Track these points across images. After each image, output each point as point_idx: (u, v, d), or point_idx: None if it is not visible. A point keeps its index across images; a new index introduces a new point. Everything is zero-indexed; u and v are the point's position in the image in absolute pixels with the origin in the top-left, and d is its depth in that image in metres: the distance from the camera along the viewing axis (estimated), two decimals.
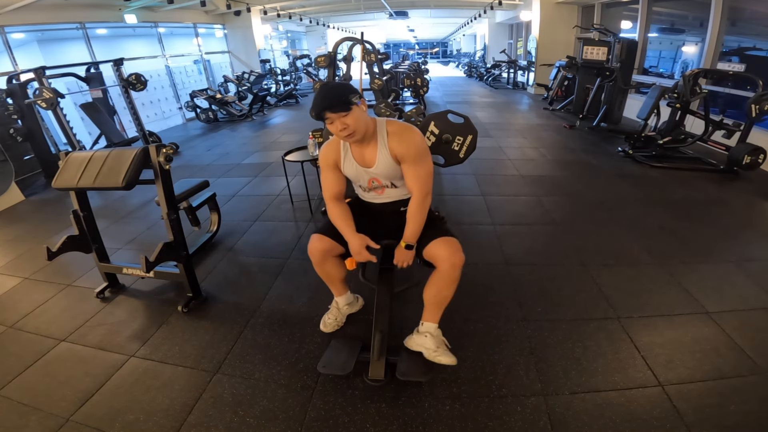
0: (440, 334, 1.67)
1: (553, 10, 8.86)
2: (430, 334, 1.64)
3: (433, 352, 1.60)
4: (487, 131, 5.97)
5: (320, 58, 4.64)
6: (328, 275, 1.81)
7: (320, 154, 1.70)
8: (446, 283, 1.58)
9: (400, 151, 1.54)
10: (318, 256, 1.71)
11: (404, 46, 33.66)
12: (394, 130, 1.55)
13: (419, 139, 1.56)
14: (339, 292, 1.92)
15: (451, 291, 1.60)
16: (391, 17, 14.32)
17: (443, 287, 1.59)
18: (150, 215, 3.49)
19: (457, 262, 1.54)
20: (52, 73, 4.83)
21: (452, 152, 2.33)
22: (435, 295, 1.62)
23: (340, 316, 1.94)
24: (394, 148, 1.54)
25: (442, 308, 1.65)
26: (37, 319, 2.18)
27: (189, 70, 9.87)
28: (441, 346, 1.63)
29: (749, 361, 1.68)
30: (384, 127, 1.56)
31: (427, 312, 1.66)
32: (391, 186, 1.67)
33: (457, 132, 2.32)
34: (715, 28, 5.16)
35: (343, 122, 1.46)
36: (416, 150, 1.54)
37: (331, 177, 1.67)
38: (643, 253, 2.54)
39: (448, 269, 1.55)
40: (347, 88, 1.49)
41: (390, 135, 1.55)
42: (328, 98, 1.45)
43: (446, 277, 1.57)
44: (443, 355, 1.59)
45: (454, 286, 1.59)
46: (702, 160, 4.24)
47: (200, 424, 1.51)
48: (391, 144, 1.54)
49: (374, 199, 1.75)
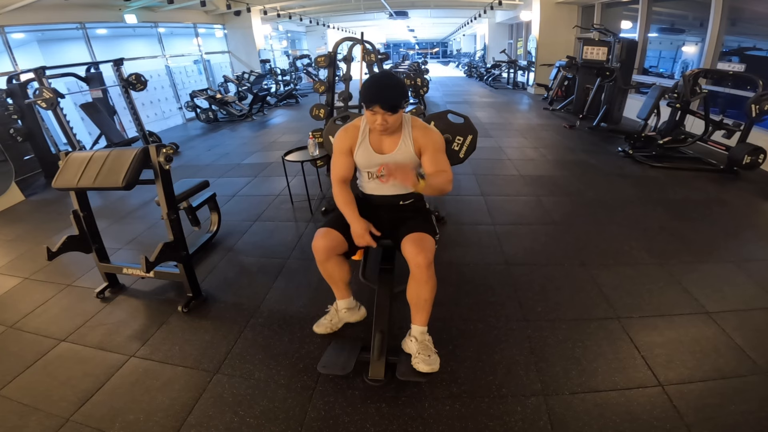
0: (426, 338, 1.64)
1: (553, 10, 8.86)
2: (415, 338, 1.63)
3: (414, 358, 1.58)
4: (487, 131, 5.97)
5: (320, 58, 4.63)
6: (331, 275, 1.77)
7: (336, 139, 1.74)
8: (417, 284, 1.56)
9: (423, 142, 1.65)
10: (322, 254, 1.68)
11: (404, 46, 33.66)
12: (419, 125, 1.68)
13: (440, 137, 1.70)
14: (341, 295, 1.87)
15: (426, 291, 1.57)
16: (391, 17, 14.31)
17: (416, 288, 1.58)
18: (150, 215, 3.49)
19: (422, 262, 1.50)
20: (52, 73, 4.83)
21: (452, 152, 2.33)
22: (412, 296, 1.60)
23: (336, 319, 1.89)
24: (418, 138, 1.65)
25: (425, 310, 1.62)
26: (37, 319, 2.18)
27: (189, 70, 9.86)
28: (423, 352, 1.59)
29: (749, 361, 1.68)
30: (410, 122, 1.68)
31: (413, 315, 1.65)
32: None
33: (457, 132, 2.32)
34: (715, 28, 5.16)
35: (385, 119, 1.54)
36: (436, 144, 1.67)
37: (341, 161, 1.73)
38: (643, 253, 2.54)
39: (414, 269, 1.54)
40: (403, 90, 1.56)
41: (414, 128, 1.67)
42: (384, 94, 1.52)
43: (416, 277, 1.56)
44: (422, 362, 1.55)
45: (427, 286, 1.56)
46: (702, 160, 4.24)
47: (200, 424, 1.51)
48: (416, 134, 1.66)
49: (375, 190, 1.75)
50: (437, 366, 1.58)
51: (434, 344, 1.69)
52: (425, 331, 1.66)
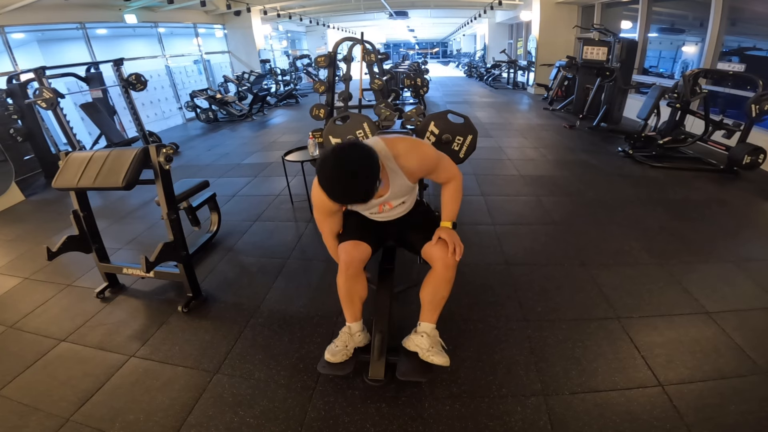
0: (437, 334, 1.66)
1: (553, 10, 8.86)
2: (426, 334, 1.63)
3: (426, 351, 1.59)
4: (487, 131, 5.97)
5: (320, 58, 4.64)
6: (355, 292, 1.65)
7: (316, 200, 1.54)
8: (441, 283, 1.58)
9: (412, 165, 1.48)
10: (355, 267, 1.59)
11: (404, 46, 33.64)
12: (400, 152, 1.46)
13: (427, 150, 1.52)
14: (357, 316, 1.70)
15: (447, 291, 1.60)
16: (391, 17, 14.30)
17: (438, 287, 1.59)
18: (150, 215, 3.49)
19: (450, 263, 1.54)
20: (52, 73, 4.83)
21: (452, 152, 2.33)
22: (431, 294, 1.61)
23: (352, 343, 1.68)
24: (405, 165, 1.48)
25: (439, 309, 1.64)
26: (37, 319, 2.18)
27: (189, 70, 9.86)
28: (435, 346, 1.61)
29: (749, 361, 1.68)
30: (389, 155, 1.45)
31: (425, 312, 1.66)
32: (401, 204, 1.65)
33: (457, 132, 2.32)
34: (715, 28, 5.16)
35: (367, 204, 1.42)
36: (429, 161, 1.52)
37: (329, 221, 1.63)
38: (643, 253, 2.54)
39: (442, 269, 1.55)
40: (372, 176, 1.24)
41: (397, 158, 1.46)
42: (352, 195, 1.27)
43: (440, 277, 1.57)
44: (436, 354, 1.57)
45: (449, 285, 1.59)
46: (702, 160, 4.24)
47: (200, 424, 1.51)
48: (401, 163, 1.47)
49: (380, 217, 1.72)
50: (449, 360, 1.58)
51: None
52: (435, 327, 1.66)
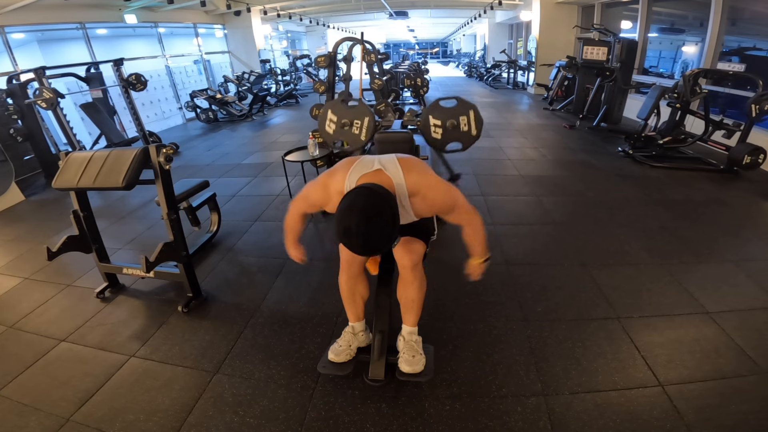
0: (413, 339, 1.63)
1: (553, 10, 8.86)
2: (403, 337, 1.64)
3: (399, 357, 1.58)
4: (487, 131, 5.96)
5: (320, 58, 4.64)
6: (357, 291, 1.67)
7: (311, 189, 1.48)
8: (404, 285, 1.58)
9: (423, 208, 1.40)
10: (356, 267, 1.61)
11: (404, 46, 33.62)
12: (417, 191, 1.34)
13: (443, 192, 1.38)
14: (359, 316, 1.71)
15: (412, 292, 1.56)
16: (391, 17, 14.30)
17: (403, 288, 1.59)
18: (150, 215, 3.49)
19: (407, 264, 1.51)
20: (52, 73, 4.82)
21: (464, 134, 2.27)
22: (402, 297, 1.61)
23: (355, 343, 1.69)
24: (416, 204, 1.38)
25: (413, 310, 1.61)
26: (37, 319, 2.18)
27: (189, 70, 9.85)
28: (408, 352, 1.58)
29: (749, 361, 1.68)
30: (405, 193, 1.33)
31: (402, 314, 1.65)
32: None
33: (458, 114, 2.28)
34: (715, 28, 5.16)
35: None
36: (443, 207, 1.42)
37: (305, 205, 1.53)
38: (643, 253, 2.54)
39: (401, 270, 1.56)
40: (393, 228, 1.17)
41: (413, 197, 1.35)
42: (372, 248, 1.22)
43: (403, 278, 1.57)
44: (405, 362, 1.56)
45: (413, 287, 1.55)
46: (702, 160, 4.23)
47: (200, 424, 1.51)
48: (413, 201, 1.37)
49: None
50: (420, 367, 1.56)
51: (434, 344, 1.69)
52: (414, 331, 1.65)
